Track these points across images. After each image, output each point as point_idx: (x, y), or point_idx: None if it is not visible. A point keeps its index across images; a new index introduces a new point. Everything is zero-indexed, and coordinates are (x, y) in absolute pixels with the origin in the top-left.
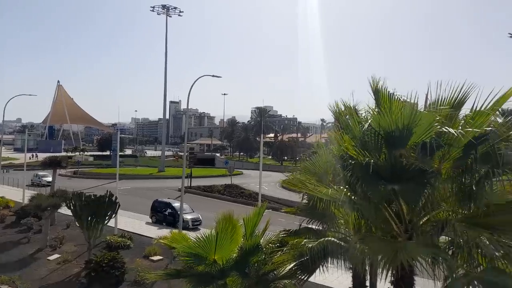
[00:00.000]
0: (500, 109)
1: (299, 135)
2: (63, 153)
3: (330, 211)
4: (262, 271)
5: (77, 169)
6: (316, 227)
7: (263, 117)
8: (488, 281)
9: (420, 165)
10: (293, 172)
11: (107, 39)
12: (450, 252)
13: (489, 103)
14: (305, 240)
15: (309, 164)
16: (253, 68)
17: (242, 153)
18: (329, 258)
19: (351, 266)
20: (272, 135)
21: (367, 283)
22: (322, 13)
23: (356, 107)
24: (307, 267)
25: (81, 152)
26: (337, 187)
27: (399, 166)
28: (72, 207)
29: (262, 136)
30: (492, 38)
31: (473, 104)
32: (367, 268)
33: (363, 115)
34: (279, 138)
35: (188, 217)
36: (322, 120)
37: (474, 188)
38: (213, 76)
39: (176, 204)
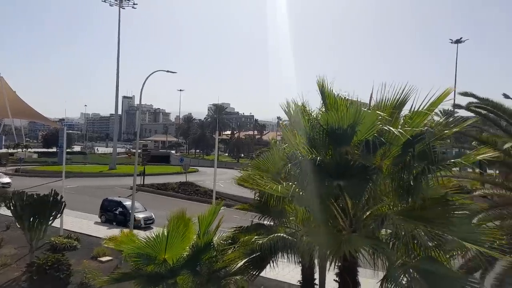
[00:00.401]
0: (441, 110)
1: (255, 132)
2: (4, 150)
3: (281, 207)
4: (214, 268)
5: (19, 167)
6: (268, 223)
7: (220, 114)
8: (423, 269)
9: (363, 162)
10: (246, 169)
11: (56, 31)
12: (390, 244)
13: (425, 104)
14: (255, 237)
15: (261, 161)
16: (211, 64)
17: (198, 151)
18: (280, 253)
19: (300, 260)
20: (229, 132)
21: (316, 276)
22: (283, 12)
23: (308, 106)
24: (258, 263)
25: (24, 149)
26: (286, 183)
27: (344, 163)
28: (12, 207)
29: (218, 133)
30: (433, 43)
31: (412, 105)
32: (315, 261)
33: (314, 114)
34: (236, 135)
35: (140, 216)
36: (278, 118)
37: (412, 184)
38: (167, 71)
39: (127, 203)
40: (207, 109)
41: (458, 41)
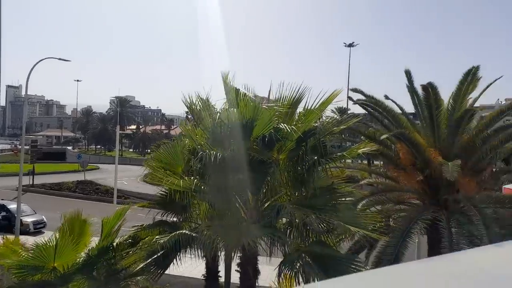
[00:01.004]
0: (336, 107)
1: (163, 127)
2: None
3: (185, 202)
4: (113, 270)
5: None
6: (172, 220)
7: (123, 107)
8: (314, 252)
9: (261, 157)
10: (148, 165)
11: None
12: (287, 232)
13: (317, 103)
14: (157, 237)
15: (163, 156)
16: (114, 54)
17: (99, 146)
18: (184, 250)
19: (204, 254)
20: (134, 127)
21: (222, 268)
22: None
23: (213, 101)
24: (161, 261)
25: None
26: (188, 178)
27: (244, 158)
28: None
29: (119, 128)
30: (328, 45)
31: (306, 103)
32: (219, 254)
33: (219, 108)
34: (142, 130)
35: (29, 220)
36: (187, 112)
37: (305, 175)
38: (59, 59)
39: (12, 206)
40: (109, 102)
41: (350, 45)
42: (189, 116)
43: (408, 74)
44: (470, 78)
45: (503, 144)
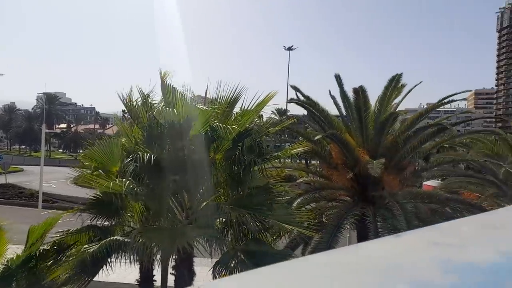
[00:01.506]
0: (276, 109)
1: (97, 126)
2: None
3: (118, 205)
4: (35, 281)
5: None
6: (103, 224)
7: (52, 104)
8: (249, 250)
9: (198, 157)
10: (78, 166)
11: None
12: (225, 231)
13: (254, 103)
14: (85, 246)
15: (95, 155)
16: (41, 45)
17: (24, 147)
18: (116, 255)
19: (138, 259)
20: (64, 125)
21: (158, 272)
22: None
23: (151, 100)
24: (90, 269)
25: None
26: (121, 180)
27: (181, 157)
28: None
29: (45, 126)
30: (269, 47)
31: (242, 104)
32: (154, 257)
33: (158, 107)
34: (73, 128)
35: None
36: (123, 111)
37: (241, 175)
38: None
39: None
40: (35, 98)
41: (289, 48)
42: (126, 115)
43: (338, 78)
44: (394, 84)
45: (422, 144)
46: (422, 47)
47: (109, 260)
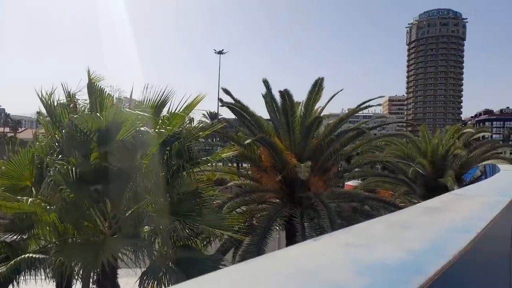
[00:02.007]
0: (207, 112)
1: (7, 129)
2: None
3: (31, 219)
4: None
5: None
6: (11, 239)
7: None
8: (179, 258)
9: (122, 163)
10: None
11: None
12: (152, 240)
13: (182, 106)
14: None
15: (7, 169)
16: None
17: None
18: (29, 272)
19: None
20: None
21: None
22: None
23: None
24: None
25: None
26: (28, 198)
27: (103, 165)
28: None
29: None
30: (197, 50)
31: (170, 107)
32: (75, 273)
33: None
34: None
35: None
36: (38, 113)
37: (170, 181)
38: None
39: None
40: None
41: (220, 52)
42: (41, 117)
43: (266, 83)
44: (317, 88)
45: (344, 147)
46: (345, 56)
47: (20, 278)
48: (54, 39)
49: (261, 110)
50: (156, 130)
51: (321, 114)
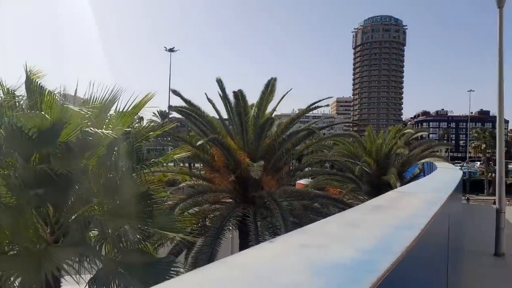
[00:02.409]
0: (158, 111)
1: None
2: None
3: None
4: None
5: None
6: None
7: None
8: (129, 263)
9: (67, 165)
10: None
11: None
12: (101, 245)
13: (130, 106)
14: None
15: None
16: None
17: None
18: None
19: None
20: None
21: None
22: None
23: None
24: None
25: None
26: None
27: (44, 168)
28: None
29: None
30: (154, 49)
31: (118, 106)
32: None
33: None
34: None
35: None
36: None
37: (118, 183)
38: None
39: None
40: None
41: (171, 50)
42: None
43: (219, 82)
44: (270, 88)
45: (295, 147)
46: (296, 58)
47: None
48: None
49: (215, 108)
50: (103, 130)
51: (273, 115)
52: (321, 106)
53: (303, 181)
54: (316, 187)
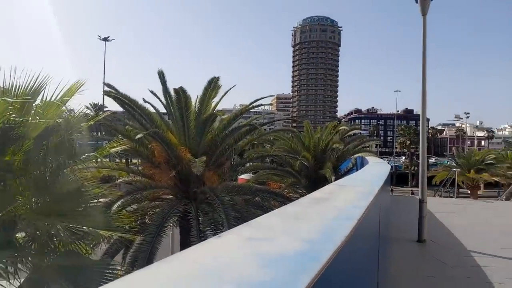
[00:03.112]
0: (91, 104)
1: None
2: None
3: None
4: None
5: None
6: None
7: None
8: (62, 266)
9: None
10: None
11: None
12: (29, 247)
13: (59, 94)
14: None
15: None
16: None
17: None
18: None
19: None
20: None
21: None
22: None
23: None
24: None
25: None
26: None
27: None
28: None
29: None
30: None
31: (44, 95)
32: None
33: None
34: None
35: None
36: None
37: (48, 179)
38: None
39: None
40: None
41: (105, 39)
42: None
43: (161, 75)
44: (213, 85)
45: (237, 142)
46: (242, 51)
47: None
48: None
49: (158, 99)
50: (29, 121)
51: (216, 110)
52: (263, 105)
53: (245, 176)
54: (257, 182)
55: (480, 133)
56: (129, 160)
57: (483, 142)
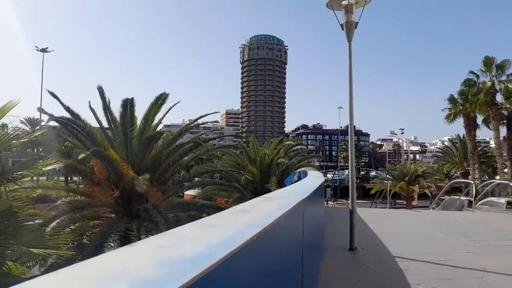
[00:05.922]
0: (26, 118)
1: None
2: None
3: None
4: None
5: None
6: None
7: None
8: None
9: None
10: None
11: None
12: None
13: None
14: None
15: None
16: None
17: None
18: None
19: None
20: None
21: None
22: None
23: None
24: None
25: None
26: None
27: None
28: None
29: None
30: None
31: None
32: None
33: None
34: None
35: None
36: None
37: None
38: None
39: None
40: None
41: (43, 50)
42: None
43: (100, 90)
44: (160, 102)
45: (182, 158)
46: (189, 69)
47: None
48: None
49: (96, 117)
50: None
51: (163, 125)
52: (210, 121)
53: (191, 192)
54: (204, 197)
55: (415, 148)
56: (68, 178)
57: (417, 156)
